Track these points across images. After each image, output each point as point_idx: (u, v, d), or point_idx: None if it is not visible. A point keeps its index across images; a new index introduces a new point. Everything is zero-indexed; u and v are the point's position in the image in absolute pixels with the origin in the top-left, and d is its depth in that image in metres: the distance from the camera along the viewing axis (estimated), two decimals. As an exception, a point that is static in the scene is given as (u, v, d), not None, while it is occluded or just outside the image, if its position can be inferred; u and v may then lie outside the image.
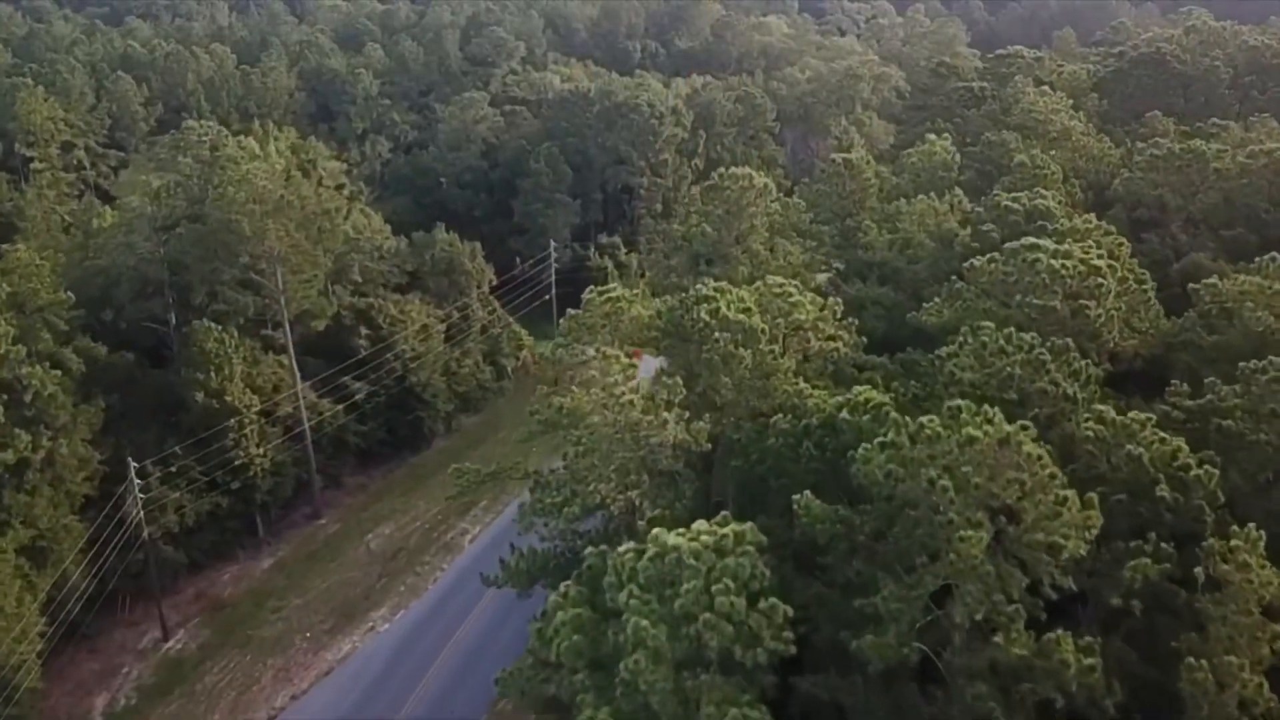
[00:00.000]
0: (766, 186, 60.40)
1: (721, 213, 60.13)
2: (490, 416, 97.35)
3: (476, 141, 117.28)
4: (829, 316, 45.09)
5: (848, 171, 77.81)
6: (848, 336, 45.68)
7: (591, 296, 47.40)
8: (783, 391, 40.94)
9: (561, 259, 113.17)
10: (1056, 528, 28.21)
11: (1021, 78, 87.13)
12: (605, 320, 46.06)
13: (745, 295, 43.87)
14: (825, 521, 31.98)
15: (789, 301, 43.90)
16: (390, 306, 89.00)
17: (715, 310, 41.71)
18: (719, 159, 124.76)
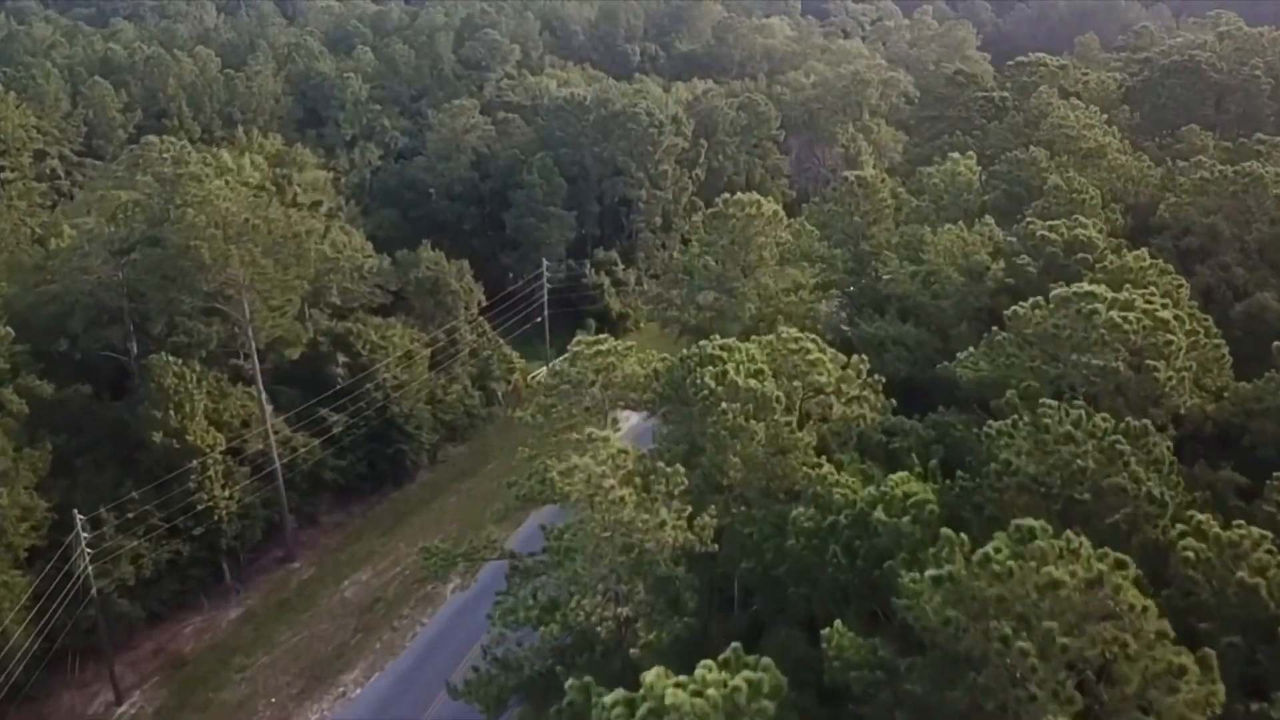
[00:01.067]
0: (776, 214, 53.79)
1: (726, 243, 53.51)
2: (479, 446, 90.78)
3: (467, 151, 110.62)
4: (853, 376, 38.46)
5: (861, 190, 71.27)
6: (874, 399, 39.05)
7: (580, 347, 40.77)
8: (802, 472, 34.40)
9: (556, 275, 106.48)
10: (1169, 706, 21.63)
11: (1046, 88, 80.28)
12: (595, 375, 39.39)
13: (756, 353, 37.27)
14: (862, 665, 25.48)
15: (807, 360, 37.27)
16: (371, 332, 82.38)
17: (722, 375, 35.12)
18: (721, 169, 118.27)
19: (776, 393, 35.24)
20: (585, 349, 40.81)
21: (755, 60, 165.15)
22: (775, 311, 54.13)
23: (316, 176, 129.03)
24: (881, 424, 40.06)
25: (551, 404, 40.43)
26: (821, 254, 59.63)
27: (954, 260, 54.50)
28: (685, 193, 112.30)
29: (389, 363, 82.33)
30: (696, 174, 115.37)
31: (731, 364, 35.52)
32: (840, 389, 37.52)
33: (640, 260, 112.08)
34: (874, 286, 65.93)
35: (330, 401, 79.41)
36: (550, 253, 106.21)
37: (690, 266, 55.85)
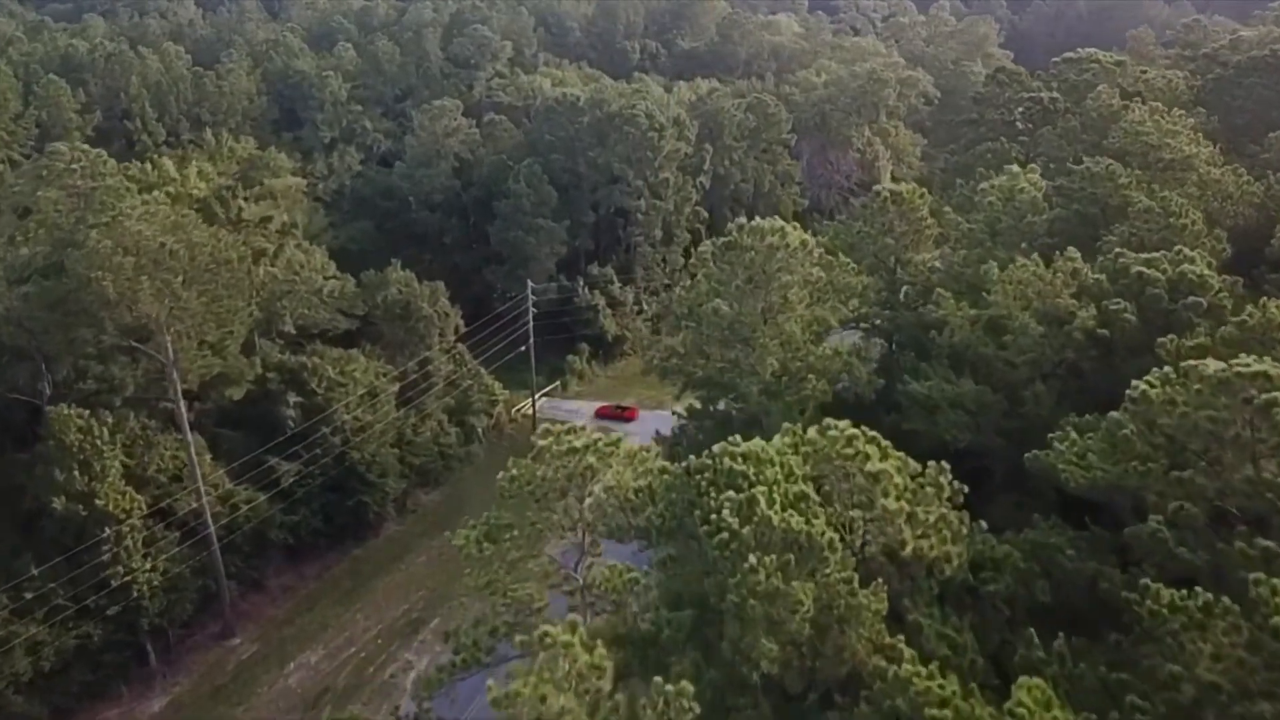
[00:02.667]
0: (805, 245, 41.87)
1: (742, 280, 41.54)
2: (455, 492, 78.95)
3: (448, 157, 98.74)
4: (931, 494, 26.58)
5: (896, 208, 59.24)
6: (956, 523, 27.19)
7: (547, 441, 28.94)
8: (869, 659, 22.62)
9: (545, 294, 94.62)
10: None
11: (1105, 87, 68.18)
12: (567, 484, 27.59)
13: (795, 463, 25.37)
14: None
15: (867, 473, 25.43)
16: (328, 367, 70.53)
17: (749, 506, 23.31)
18: (727, 176, 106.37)
19: (828, 533, 23.49)
20: (554, 443, 28.91)
21: (762, 58, 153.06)
22: (804, 367, 42.31)
23: (288, 184, 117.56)
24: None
25: (504, 525, 28.64)
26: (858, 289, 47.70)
27: (1027, 302, 42.57)
28: (688, 202, 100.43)
29: (349, 402, 70.51)
30: (700, 181, 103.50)
31: (761, 488, 23.74)
32: (915, 514, 25.72)
33: (639, 276, 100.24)
34: (914, 322, 54.08)
35: (281, 448, 67.79)
36: (539, 269, 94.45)
37: (697, 309, 43.95)
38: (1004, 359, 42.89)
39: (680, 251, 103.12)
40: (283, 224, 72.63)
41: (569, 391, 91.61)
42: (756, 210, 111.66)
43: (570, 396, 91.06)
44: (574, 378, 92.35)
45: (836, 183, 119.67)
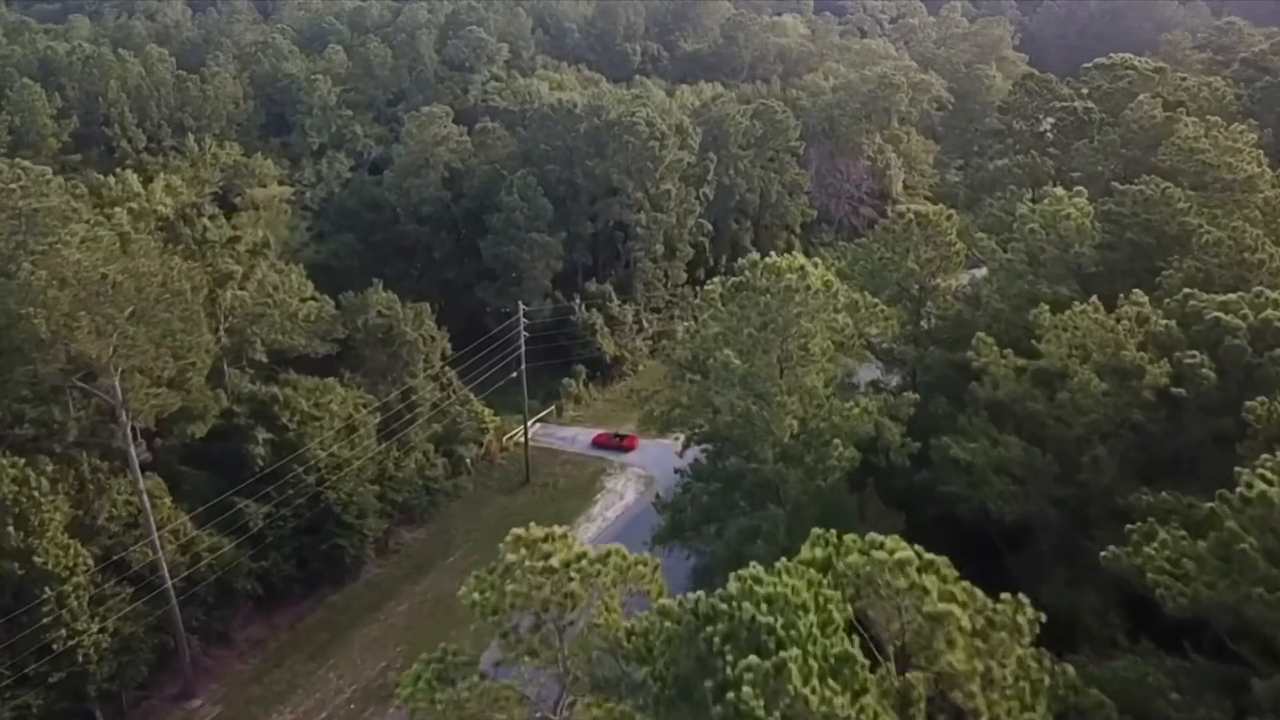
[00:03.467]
0: (828, 285, 35.69)
1: (756, 327, 35.38)
2: (441, 529, 72.94)
3: (437, 167, 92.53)
4: (1009, 642, 20.42)
5: (921, 231, 53.15)
6: (1035, 670, 21.07)
7: (518, 556, 22.87)
8: None
9: (539, 312, 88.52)
10: None
11: (1146, 97, 61.92)
12: (543, 614, 21.47)
13: (833, 605, 19.30)
14: None
15: (926, 614, 19.36)
16: (301, 399, 64.45)
17: (776, 681, 17.20)
18: (732, 187, 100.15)
19: (876, 707, 17.43)
20: (521, 554, 22.78)
21: (768, 61, 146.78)
22: (828, 427, 36.18)
23: (271, 193, 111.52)
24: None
25: (461, 663, 22.52)
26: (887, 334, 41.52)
27: (1086, 353, 36.38)
28: (691, 215, 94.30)
29: (324, 439, 64.43)
30: (704, 192, 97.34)
31: (794, 651, 17.65)
32: (990, 671, 19.64)
33: (639, 293, 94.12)
34: (944, 362, 47.97)
35: (250, 487, 61.80)
36: (533, 285, 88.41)
37: (703, 358, 37.82)
38: (1058, 417, 36.71)
39: (683, 266, 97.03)
40: (253, 244, 66.51)
41: (565, 417, 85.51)
42: (762, 221, 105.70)
43: (566, 422, 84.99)
44: (570, 402, 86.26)
45: (846, 192, 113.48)
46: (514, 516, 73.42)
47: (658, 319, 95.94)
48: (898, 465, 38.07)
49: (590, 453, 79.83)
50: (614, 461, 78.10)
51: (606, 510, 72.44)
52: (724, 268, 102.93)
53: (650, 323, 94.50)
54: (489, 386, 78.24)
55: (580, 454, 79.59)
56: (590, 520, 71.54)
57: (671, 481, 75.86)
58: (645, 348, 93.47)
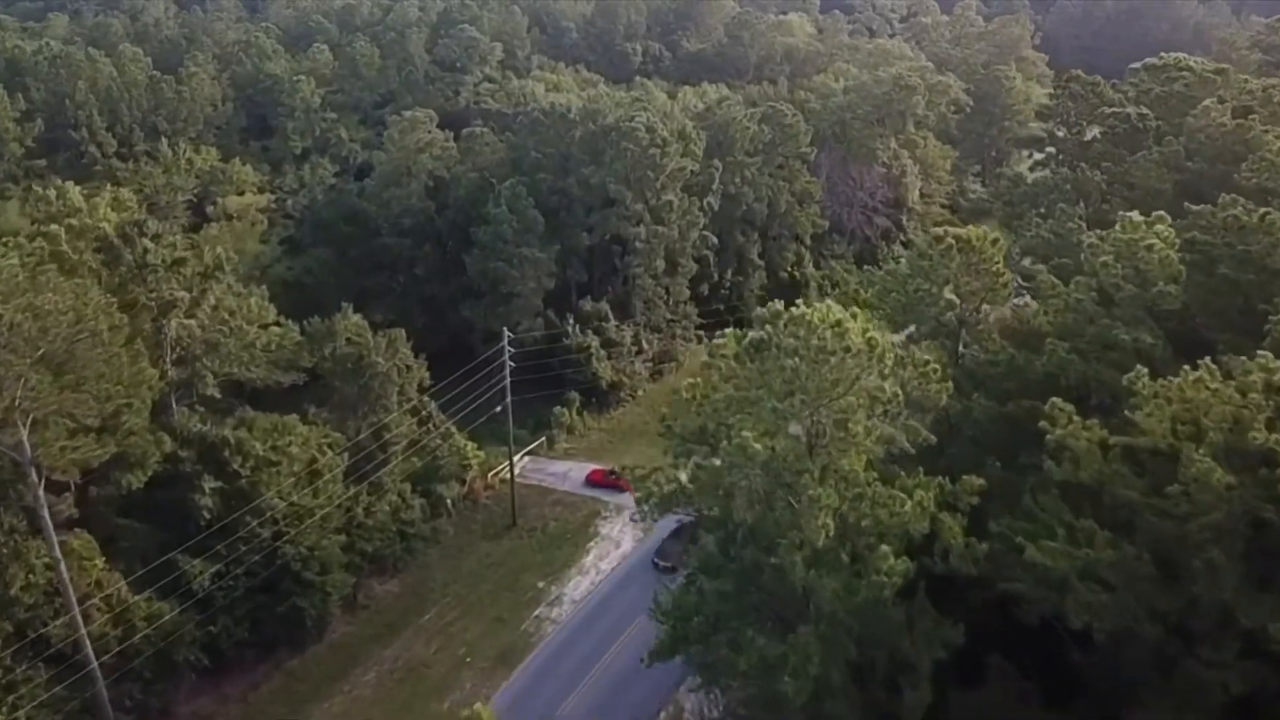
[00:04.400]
0: (872, 345, 27.60)
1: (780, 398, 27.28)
2: (417, 579, 64.94)
3: (420, 175, 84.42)
4: None
5: (962, 257, 45.22)
6: None
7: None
8: None
9: (529, 333, 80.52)
10: None
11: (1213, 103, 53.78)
12: None
13: None
14: None
15: None
16: (256, 442, 56.44)
17: None
18: (739, 196, 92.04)
19: None
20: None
21: (774, 61, 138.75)
22: (871, 524, 28.17)
23: (246, 202, 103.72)
24: None
25: None
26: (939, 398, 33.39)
27: (1197, 430, 28.30)
28: (695, 227, 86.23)
29: (283, 488, 56.46)
30: (709, 202, 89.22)
31: None
32: None
33: (638, 311, 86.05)
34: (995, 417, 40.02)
35: (198, 544, 53.92)
36: (523, 304, 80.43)
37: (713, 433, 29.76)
38: (1163, 511, 28.64)
39: (686, 283, 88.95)
40: (206, 266, 58.56)
41: (556, 449, 77.46)
42: (771, 232, 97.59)
43: (558, 455, 76.96)
44: (562, 433, 78.20)
45: (859, 200, 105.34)
46: (497, 567, 65.51)
47: (658, 339, 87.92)
48: (958, 570, 30.11)
49: (584, 491, 71.82)
50: (609, 503, 70.07)
51: (600, 560, 64.43)
52: (729, 282, 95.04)
53: (650, 343, 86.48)
54: (474, 417, 70.02)
55: (573, 493, 71.56)
56: (582, 572, 63.54)
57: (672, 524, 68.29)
58: (645, 370, 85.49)
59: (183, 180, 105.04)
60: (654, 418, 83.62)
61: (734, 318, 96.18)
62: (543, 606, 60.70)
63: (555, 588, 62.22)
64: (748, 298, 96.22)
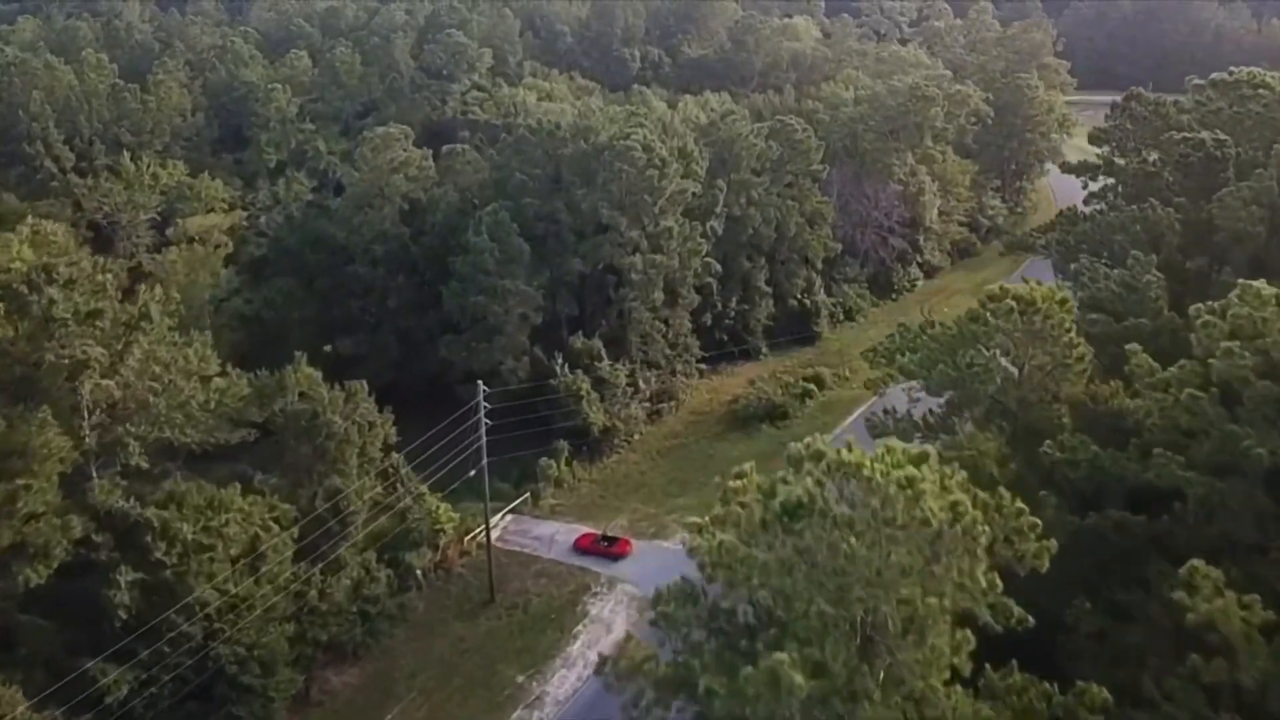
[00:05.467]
0: (958, 511, 18.65)
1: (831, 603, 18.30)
2: (381, 668, 56.11)
3: (394, 198, 75.46)
4: None
5: (1024, 317, 36.48)
6: None
7: None
8: None
9: (514, 373, 71.77)
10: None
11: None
12: None
13: None
14: None
15: None
16: (185, 524, 47.55)
17: None
18: (744, 220, 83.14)
19: None
20: None
21: (780, 69, 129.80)
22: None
23: (209, 223, 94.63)
24: None
25: None
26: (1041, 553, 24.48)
27: None
28: (696, 255, 77.39)
29: (218, 578, 47.64)
30: (712, 226, 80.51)
31: None
32: None
33: (634, 347, 77.14)
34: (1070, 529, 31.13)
35: (113, 642, 45.22)
36: (506, 343, 71.65)
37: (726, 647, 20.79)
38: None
39: (687, 315, 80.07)
40: (130, 316, 49.79)
41: (542, 505, 68.53)
42: (779, 256, 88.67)
43: (544, 513, 68.05)
44: (549, 486, 69.28)
45: (874, 220, 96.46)
46: (472, 654, 56.51)
47: (656, 376, 79.03)
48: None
49: (572, 559, 62.96)
50: (601, 575, 61.20)
51: (589, 649, 55.35)
52: (734, 311, 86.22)
53: (648, 382, 77.58)
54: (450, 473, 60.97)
55: (559, 562, 62.69)
56: (568, 664, 54.66)
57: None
58: (642, 412, 76.58)
59: (145, 197, 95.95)
60: (651, 466, 75.20)
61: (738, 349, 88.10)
62: (521, 710, 51.88)
63: (536, 684, 53.37)
64: (754, 327, 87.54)
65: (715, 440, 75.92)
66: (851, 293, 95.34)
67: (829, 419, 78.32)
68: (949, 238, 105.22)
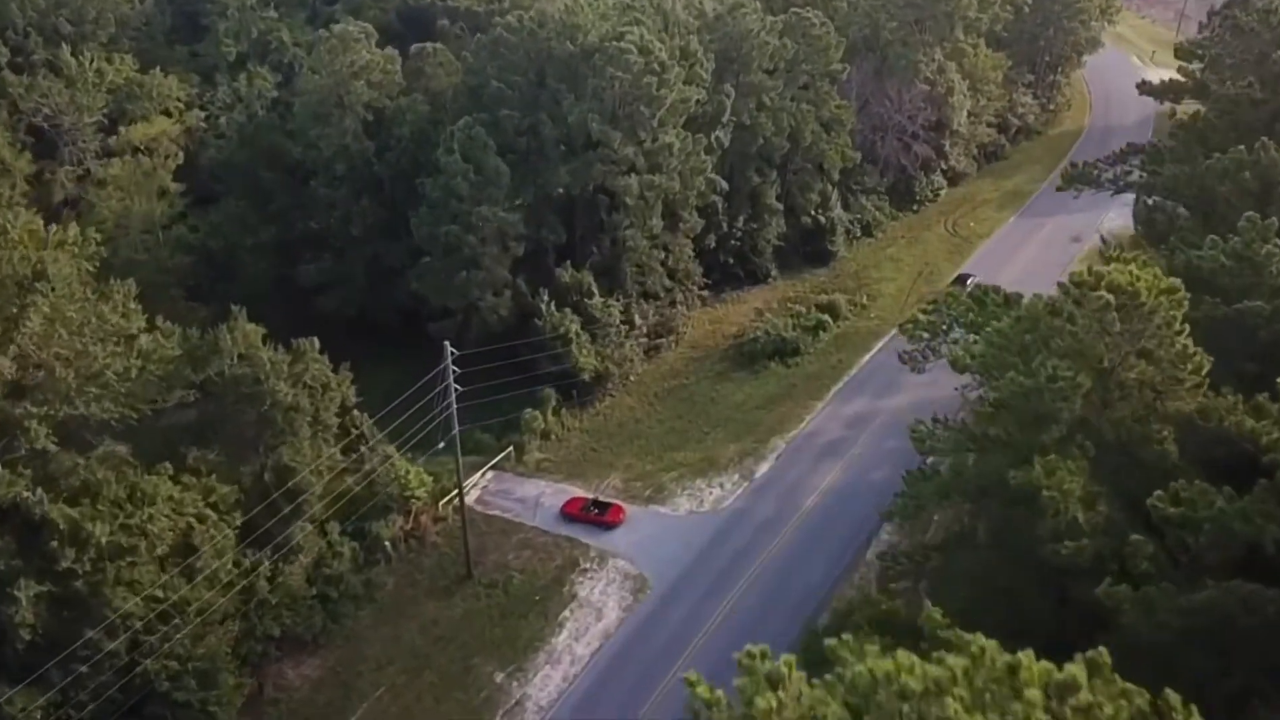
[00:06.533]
0: None
1: None
2: (344, 658, 49.79)
3: (355, 108, 65.21)
4: None
5: (1123, 322, 27.95)
6: None
7: None
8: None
9: (495, 310, 63.35)
10: None
11: None
12: None
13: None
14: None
15: None
16: (100, 525, 40.06)
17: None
18: (755, 128, 72.93)
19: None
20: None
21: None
22: None
23: (156, 130, 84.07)
24: None
25: None
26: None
27: None
28: (700, 173, 67.69)
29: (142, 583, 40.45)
30: (718, 138, 70.36)
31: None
32: None
33: (628, 278, 68.39)
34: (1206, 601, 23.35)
35: (19, 668, 38.44)
36: (484, 277, 62.79)
37: None
38: None
39: (689, 241, 71.00)
40: (22, 277, 41.06)
41: (527, 461, 61.00)
42: (791, 167, 78.66)
43: (528, 469, 60.59)
44: (534, 439, 61.59)
45: (896, 125, 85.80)
46: (446, 643, 49.74)
47: (655, 308, 70.49)
48: None
49: (558, 528, 55.84)
50: (590, 548, 54.11)
51: (577, 641, 48.84)
52: (740, 231, 76.84)
53: (645, 316, 69.11)
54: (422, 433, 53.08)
55: (544, 531, 55.57)
56: (553, 659, 48.05)
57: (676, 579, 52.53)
58: (639, 349, 68.39)
59: (90, 97, 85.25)
60: (647, 412, 67.28)
61: (744, 272, 79.15)
62: (500, 718, 45.39)
63: (517, 685, 46.87)
64: (762, 249, 78.34)
65: (718, 380, 67.91)
66: (869, 205, 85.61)
67: (844, 356, 70.25)
68: (976, 141, 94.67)
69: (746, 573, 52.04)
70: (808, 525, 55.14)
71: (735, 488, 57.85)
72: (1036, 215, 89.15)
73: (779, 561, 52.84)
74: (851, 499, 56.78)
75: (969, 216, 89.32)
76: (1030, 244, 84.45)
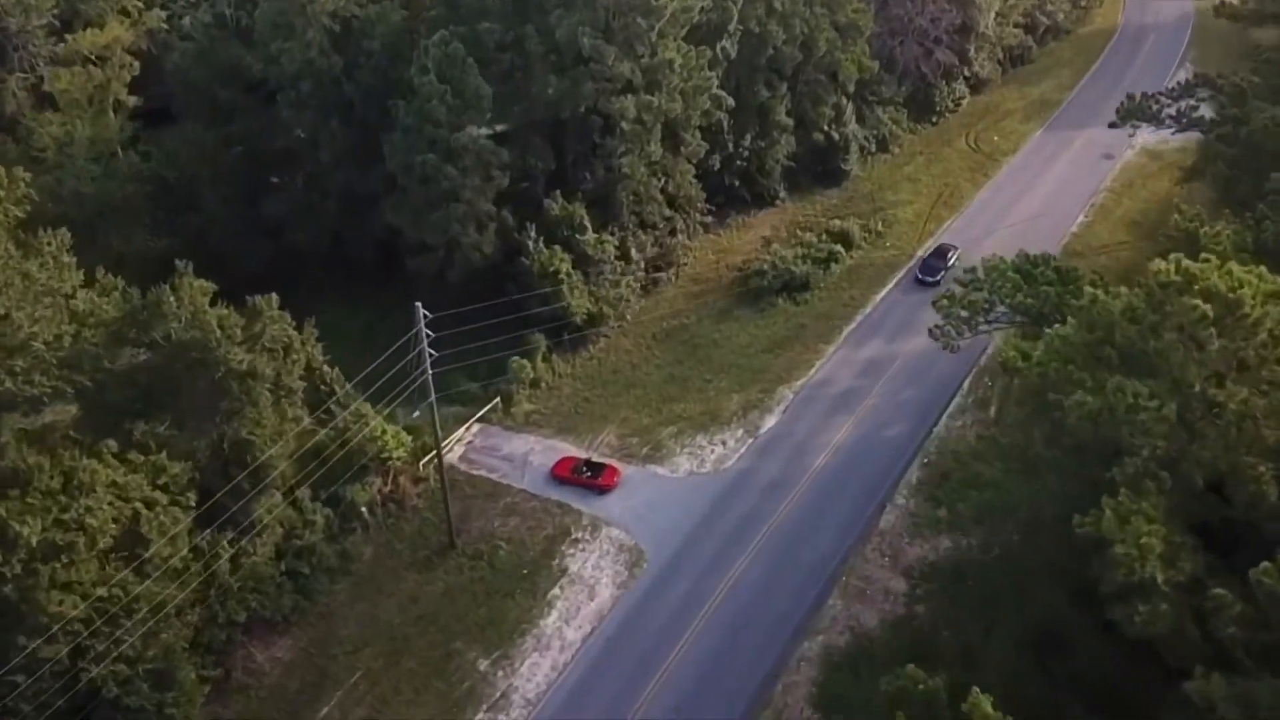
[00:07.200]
0: None
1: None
2: (316, 638, 46.08)
3: (319, 19, 57.72)
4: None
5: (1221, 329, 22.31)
6: None
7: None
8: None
9: (478, 246, 57.52)
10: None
11: None
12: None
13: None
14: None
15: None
16: (27, 524, 35.48)
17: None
18: (764, 38, 65.50)
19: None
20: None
21: None
22: None
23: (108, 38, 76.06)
24: None
25: None
26: None
27: None
28: (703, 92, 60.73)
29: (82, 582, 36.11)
30: (723, 48, 63.10)
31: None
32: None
33: (624, 209, 62.21)
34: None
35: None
36: (465, 210, 56.71)
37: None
38: None
39: (691, 166, 64.51)
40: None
41: (515, 414, 56.13)
42: (803, 76, 71.26)
43: (516, 423, 55.76)
44: (523, 389, 56.61)
45: (916, 29, 77.80)
46: (426, 624, 45.68)
47: (653, 240, 64.56)
48: None
49: (548, 491, 51.37)
50: (582, 515, 49.73)
51: (567, 624, 44.86)
52: (747, 150, 70.08)
53: (642, 248, 63.27)
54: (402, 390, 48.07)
55: (533, 495, 51.11)
56: (542, 645, 44.14)
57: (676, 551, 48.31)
58: (636, 285, 62.82)
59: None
60: (645, 356, 61.87)
61: (751, 195, 72.74)
62: (483, 713, 41.75)
63: (502, 674, 43.09)
64: (770, 169, 71.75)
65: (721, 319, 62.49)
66: (886, 118, 78.47)
67: (857, 291, 64.67)
68: (1003, 43, 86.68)
69: (751, 543, 47.80)
70: (817, 488, 50.66)
71: (739, 445, 53.14)
72: (1065, 128, 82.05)
73: (786, 529, 48.56)
74: (865, 458, 52.24)
75: (992, 129, 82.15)
76: (1059, 161, 77.74)
